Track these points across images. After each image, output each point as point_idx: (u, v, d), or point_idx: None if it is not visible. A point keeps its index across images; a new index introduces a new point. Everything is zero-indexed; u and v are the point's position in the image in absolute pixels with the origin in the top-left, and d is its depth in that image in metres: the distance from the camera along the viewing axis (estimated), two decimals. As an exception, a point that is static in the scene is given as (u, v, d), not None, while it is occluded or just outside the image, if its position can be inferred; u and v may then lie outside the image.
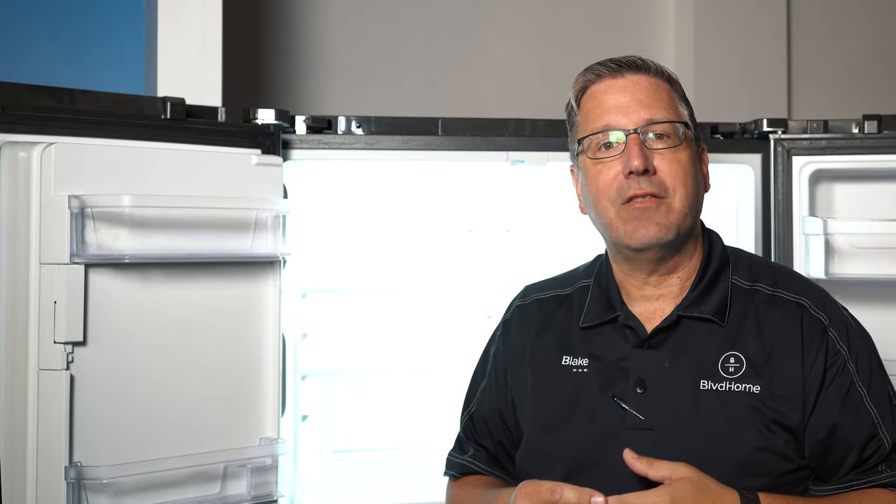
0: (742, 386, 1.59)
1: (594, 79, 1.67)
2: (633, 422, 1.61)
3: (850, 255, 2.31)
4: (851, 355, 1.61)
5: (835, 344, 1.61)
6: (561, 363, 1.70)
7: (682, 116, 1.66)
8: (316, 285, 2.55)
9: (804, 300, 1.64)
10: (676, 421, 1.60)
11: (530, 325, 1.77)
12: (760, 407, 1.58)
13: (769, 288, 1.66)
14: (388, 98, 3.60)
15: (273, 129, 2.22)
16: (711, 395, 1.60)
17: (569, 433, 1.66)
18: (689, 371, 1.62)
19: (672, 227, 1.60)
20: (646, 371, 1.63)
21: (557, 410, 1.68)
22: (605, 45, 3.70)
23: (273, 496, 2.09)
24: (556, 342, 1.73)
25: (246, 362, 2.09)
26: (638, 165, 1.59)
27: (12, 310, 1.84)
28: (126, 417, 1.92)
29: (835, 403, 1.59)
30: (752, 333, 1.62)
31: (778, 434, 1.58)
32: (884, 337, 2.23)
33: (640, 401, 1.62)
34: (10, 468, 1.83)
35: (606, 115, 1.64)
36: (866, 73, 3.90)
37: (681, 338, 1.64)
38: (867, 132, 2.35)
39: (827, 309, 1.64)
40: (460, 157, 2.34)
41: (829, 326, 1.62)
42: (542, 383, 1.71)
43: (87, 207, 1.85)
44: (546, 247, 2.64)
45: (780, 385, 1.59)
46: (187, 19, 2.73)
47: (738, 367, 1.61)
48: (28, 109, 1.90)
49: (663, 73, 1.68)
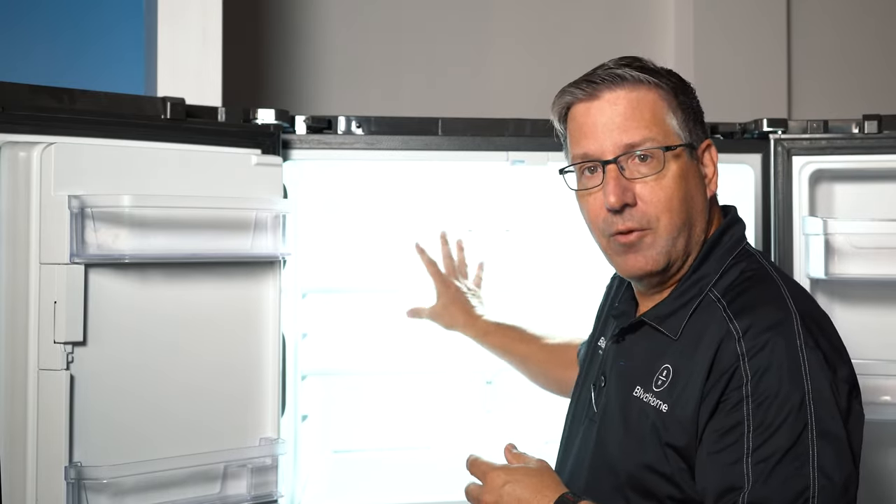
0: (656, 401, 1.54)
1: (572, 100, 1.61)
2: (591, 412, 1.68)
3: (850, 255, 2.31)
4: (755, 397, 1.42)
5: (740, 378, 1.44)
6: (597, 342, 1.79)
7: (668, 130, 1.57)
8: (316, 285, 2.55)
9: (735, 324, 1.49)
10: (607, 420, 1.62)
11: (608, 298, 1.86)
12: (660, 426, 1.52)
13: (723, 306, 1.54)
14: (388, 98, 3.60)
15: (273, 129, 2.21)
16: (635, 403, 1.57)
17: (571, 406, 1.79)
18: (631, 374, 1.61)
19: (661, 256, 1.57)
20: (607, 365, 1.68)
21: (579, 386, 1.81)
22: (605, 44, 3.71)
23: (273, 496, 2.09)
24: (603, 321, 1.82)
25: (246, 362, 2.09)
26: (613, 203, 1.54)
27: (12, 310, 1.84)
28: (126, 417, 1.92)
29: (711, 439, 1.46)
30: (690, 350, 1.53)
31: (671, 458, 1.50)
32: (884, 337, 2.23)
33: (599, 393, 1.68)
34: (10, 468, 1.83)
35: (584, 142, 1.59)
36: (867, 73, 3.89)
37: (637, 341, 1.64)
38: (867, 132, 2.35)
39: (759, 338, 1.46)
40: (460, 157, 2.34)
41: (743, 357, 1.46)
42: (586, 357, 1.83)
43: (87, 207, 1.84)
44: (546, 247, 2.64)
45: (680, 406, 1.50)
46: (187, 19, 2.73)
47: (664, 381, 1.54)
48: (28, 109, 1.90)
49: (646, 81, 1.58)
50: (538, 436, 2.60)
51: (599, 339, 1.79)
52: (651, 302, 1.66)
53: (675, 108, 1.61)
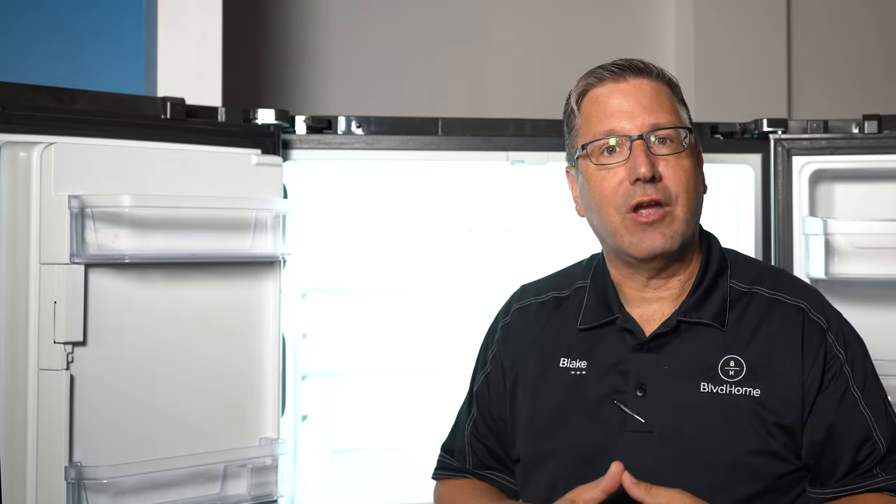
0: (742, 389, 1.59)
1: (595, 82, 1.66)
2: (634, 424, 1.61)
3: (850, 255, 2.31)
4: (848, 359, 1.62)
5: (832, 347, 1.62)
6: (559, 365, 1.69)
7: (683, 121, 1.66)
8: (316, 285, 2.55)
9: (803, 303, 1.65)
10: (676, 423, 1.59)
11: (529, 328, 1.77)
12: (760, 410, 1.58)
13: (769, 291, 1.66)
14: (388, 98, 3.60)
15: (273, 129, 2.22)
16: (711, 398, 1.60)
17: (567, 435, 1.65)
18: (689, 374, 1.61)
19: (677, 237, 1.61)
20: (645, 374, 1.63)
21: (556, 412, 1.67)
22: (605, 44, 3.71)
23: (273, 496, 2.09)
24: (554, 344, 1.72)
25: (246, 362, 2.10)
26: (645, 172, 1.58)
27: (12, 310, 1.84)
28: (126, 417, 1.92)
29: (831, 406, 1.60)
30: (751, 337, 1.62)
31: (777, 437, 1.58)
32: (884, 337, 2.23)
33: (640, 403, 1.61)
34: (10, 468, 1.83)
35: (610, 120, 1.63)
36: (866, 73, 3.89)
37: (680, 341, 1.64)
38: (867, 132, 2.35)
39: (825, 312, 1.66)
40: (460, 157, 2.34)
41: (827, 330, 1.63)
42: (542, 385, 1.71)
43: (87, 207, 1.85)
44: (546, 247, 2.64)
45: (780, 388, 1.59)
46: (187, 19, 2.73)
47: (737, 370, 1.61)
48: (28, 109, 1.90)
49: (664, 77, 1.67)
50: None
51: (560, 361, 1.69)
52: (655, 302, 1.66)
53: (684, 108, 1.69)
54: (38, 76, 2.63)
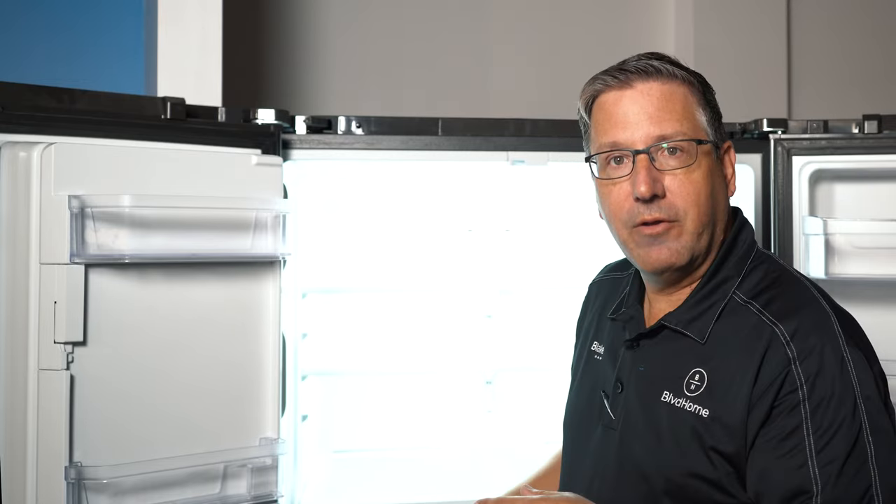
0: (693, 406, 1.50)
1: (602, 88, 1.57)
2: (606, 418, 1.62)
3: (850, 255, 2.31)
4: (812, 399, 1.42)
5: (794, 381, 1.44)
6: (590, 348, 1.73)
7: (697, 126, 1.55)
8: (316, 285, 2.55)
9: (780, 328, 1.47)
10: (631, 426, 1.57)
11: (595, 304, 1.80)
12: (702, 431, 1.48)
13: (758, 308, 1.52)
14: (388, 98, 3.60)
15: (273, 129, 2.22)
16: (666, 409, 1.53)
17: (572, 413, 1.74)
18: (657, 380, 1.57)
19: (685, 251, 1.54)
20: (623, 371, 1.62)
21: (576, 392, 1.75)
22: (605, 44, 3.71)
23: (273, 496, 2.09)
24: (596, 327, 1.75)
25: (246, 362, 2.09)
26: (644, 192, 1.50)
27: (12, 310, 1.84)
28: (126, 417, 1.92)
29: (769, 445, 1.44)
30: (726, 354, 1.50)
31: (717, 464, 1.47)
32: (884, 337, 2.23)
33: (615, 399, 1.61)
34: (10, 468, 1.83)
35: (613, 131, 1.55)
36: (866, 73, 3.90)
37: (659, 345, 1.59)
38: (867, 132, 2.35)
39: (808, 341, 1.46)
40: (460, 157, 2.34)
41: (794, 360, 1.44)
42: (580, 364, 1.77)
43: (87, 207, 1.85)
44: (546, 247, 2.64)
45: (727, 412, 1.47)
46: (187, 19, 2.73)
47: (699, 385, 1.51)
48: (28, 109, 1.90)
49: (678, 75, 1.56)
50: (538, 436, 2.60)
51: (592, 343, 1.74)
52: (664, 303, 1.62)
53: (704, 106, 1.58)
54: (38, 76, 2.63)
